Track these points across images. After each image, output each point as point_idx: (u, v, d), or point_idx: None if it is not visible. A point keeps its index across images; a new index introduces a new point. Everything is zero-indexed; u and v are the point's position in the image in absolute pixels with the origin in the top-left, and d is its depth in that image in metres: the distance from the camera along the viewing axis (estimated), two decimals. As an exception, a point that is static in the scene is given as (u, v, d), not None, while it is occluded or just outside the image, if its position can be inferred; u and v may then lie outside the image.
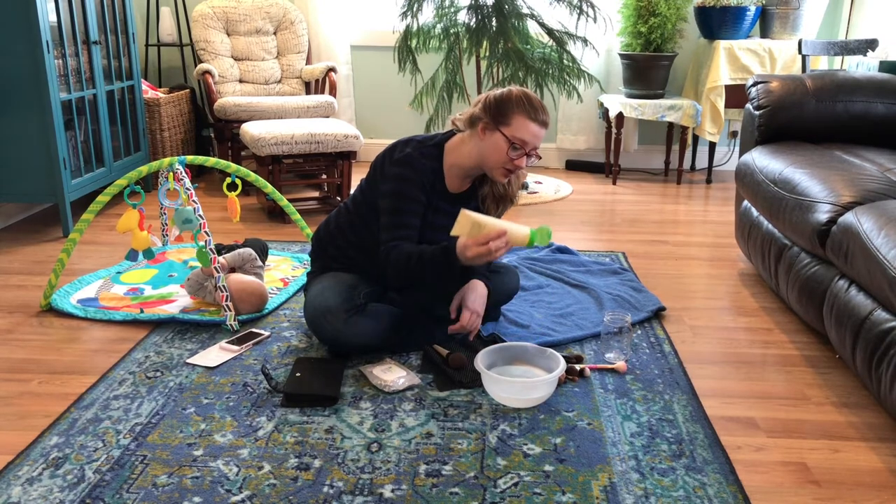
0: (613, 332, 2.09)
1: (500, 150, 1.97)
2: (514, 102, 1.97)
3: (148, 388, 1.94)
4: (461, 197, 2.12)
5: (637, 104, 4.13)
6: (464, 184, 2.12)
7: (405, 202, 2.02)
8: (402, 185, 2.02)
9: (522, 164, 1.99)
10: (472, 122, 2.01)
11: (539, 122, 1.97)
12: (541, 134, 1.99)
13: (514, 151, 1.97)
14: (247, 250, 2.55)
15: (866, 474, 1.63)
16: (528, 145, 1.97)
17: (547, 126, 2.01)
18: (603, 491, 1.53)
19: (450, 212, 2.06)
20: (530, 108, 1.96)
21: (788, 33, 4.14)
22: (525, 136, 1.96)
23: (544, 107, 2.01)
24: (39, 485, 1.54)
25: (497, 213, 2.14)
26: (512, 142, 1.95)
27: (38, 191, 3.17)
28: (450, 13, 3.92)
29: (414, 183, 2.02)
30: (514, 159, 1.97)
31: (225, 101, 3.84)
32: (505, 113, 1.96)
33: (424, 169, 2.03)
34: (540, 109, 1.98)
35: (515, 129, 1.95)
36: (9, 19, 2.95)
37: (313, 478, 1.57)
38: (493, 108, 1.98)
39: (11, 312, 2.43)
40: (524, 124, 1.96)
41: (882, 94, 2.70)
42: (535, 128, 1.97)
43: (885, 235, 1.78)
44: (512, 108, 1.96)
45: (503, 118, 1.96)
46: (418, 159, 2.03)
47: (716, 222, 3.56)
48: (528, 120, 1.96)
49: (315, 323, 2.07)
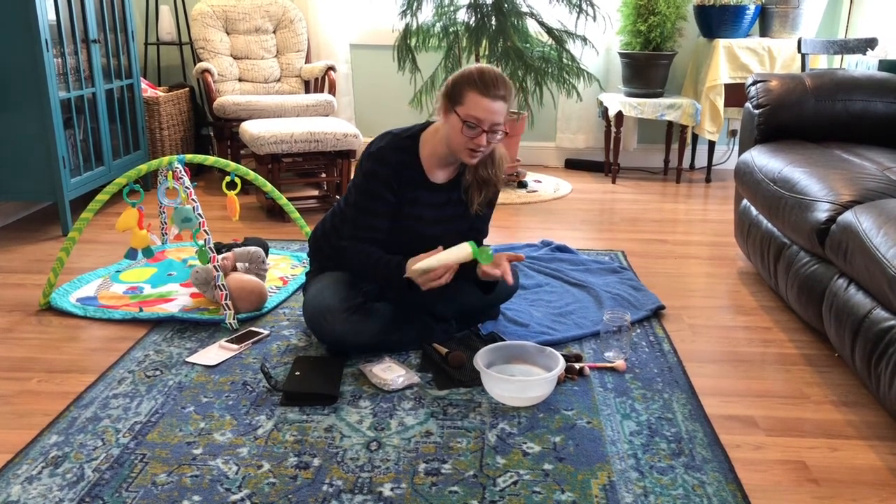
0: (613, 330, 2.09)
1: (457, 130, 1.94)
2: (466, 80, 1.93)
3: (147, 386, 1.94)
4: (446, 187, 2.10)
5: (636, 103, 4.13)
6: (448, 173, 2.10)
7: (370, 200, 2.04)
8: (370, 181, 2.03)
9: (482, 142, 1.94)
10: (439, 103, 2.01)
11: (492, 96, 1.91)
12: (496, 108, 1.92)
13: (469, 130, 1.92)
14: (258, 250, 2.55)
15: (865, 473, 1.63)
16: (483, 122, 1.92)
17: (505, 100, 1.94)
18: (602, 489, 1.53)
19: (436, 203, 2.07)
20: (481, 84, 1.91)
21: (788, 32, 4.14)
22: (478, 114, 1.91)
23: (501, 81, 1.93)
24: (39, 483, 1.54)
25: (481, 199, 2.10)
26: (465, 121, 1.92)
27: (38, 189, 3.17)
28: (449, 12, 3.92)
29: (381, 179, 2.02)
30: (472, 138, 1.93)
31: (224, 100, 3.84)
32: (458, 92, 1.93)
33: (395, 163, 2.02)
34: (493, 84, 1.91)
35: (468, 108, 1.91)
36: (8, 18, 2.94)
37: (313, 476, 1.57)
38: (450, 89, 1.96)
39: (10, 311, 2.43)
40: (476, 101, 1.91)
41: (881, 92, 2.70)
42: (488, 103, 1.91)
43: (884, 234, 1.78)
44: (464, 86, 1.92)
45: (457, 98, 1.93)
46: (390, 153, 2.03)
47: (715, 221, 3.56)
48: (479, 96, 1.90)
49: (314, 322, 2.07)
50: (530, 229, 3.39)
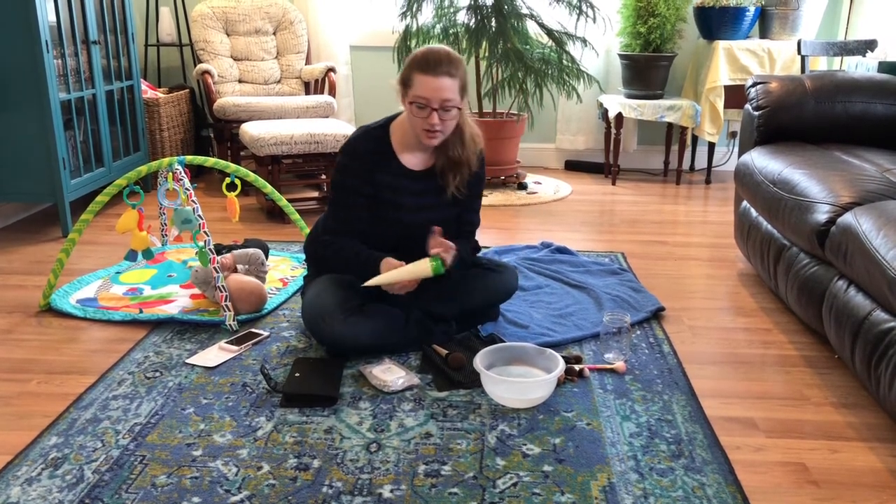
0: (612, 332, 2.09)
1: (411, 114, 1.98)
2: (413, 63, 1.97)
3: (147, 388, 1.94)
4: (424, 174, 2.11)
5: (636, 104, 4.13)
6: (425, 160, 2.12)
7: (344, 194, 2.09)
8: (342, 175, 2.09)
9: (434, 120, 1.96)
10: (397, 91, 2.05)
11: (436, 74, 1.92)
12: (442, 85, 1.93)
13: (420, 111, 1.96)
14: (256, 252, 2.55)
15: (865, 474, 1.63)
16: (431, 101, 1.94)
17: (451, 76, 1.94)
18: (602, 491, 1.53)
19: (415, 190, 2.10)
20: (425, 64, 1.94)
21: (788, 34, 4.15)
22: (424, 93, 1.93)
23: (445, 57, 1.94)
24: (38, 485, 1.54)
25: (456, 183, 2.10)
26: (413, 102, 1.95)
27: (38, 191, 3.17)
28: (449, 13, 3.92)
29: (352, 171, 2.07)
30: (425, 118, 1.96)
31: (224, 102, 3.84)
32: (407, 76, 1.97)
33: (366, 153, 2.06)
34: (436, 61, 1.92)
35: (416, 89, 1.95)
36: (8, 19, 2.95)
37: (312, 478, 1.56)
38: (401, 75, 2.01)
39: (10, 312, 2.43)
40: (422, 81, 1.94)
41: (881, 94, 2.70)
42: (432, 80, 1.92)
43: (883, 236, 1.78)
44: (411, 69, 1.96)
45: (407, 81, 1.98)
46: (361, 145, 2.08)
47: (715, 223, 3.56)
48: (424, 76, 1.93)
49: (313, 325, 2.07)
50: (530, 231, 3.40)
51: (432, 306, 2.14)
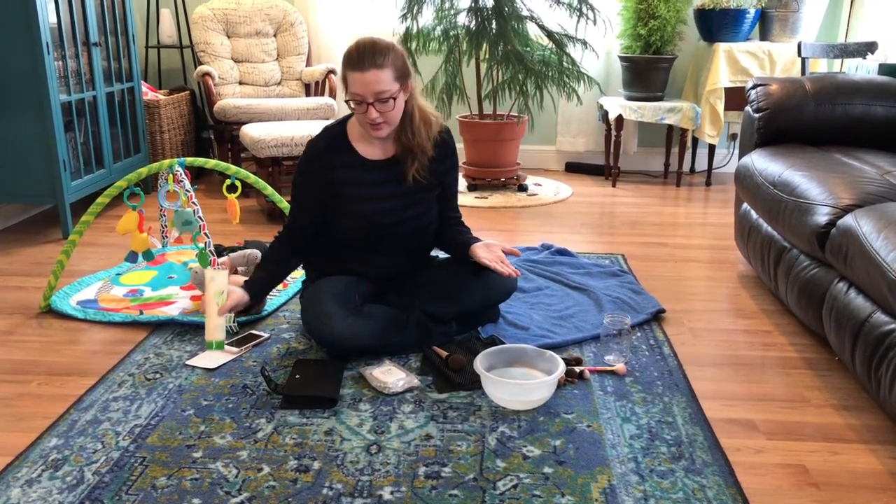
0: (613, 334, 2.09)
1: (352, 111, 2.03)
2: (344, 62, 1.98)
3: (147, 389, 1.94)
4: (385, 163, 2.13)
5: (637, 106, 4.13)
6: (385, 150, 2.14)
7: (299, 191, 2.15)
8: (297, 174, 2.15)
9: (372, 115, 1.97)
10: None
11: (362, 69, 1.93)
12: (370, 79, 1.93)
13: (358, 107, 1.99)
14: (253, 252, 2.56)
15: (866, 477, 1.63)
16: (364, 96, 1.95)
17: (379, 66, 1.93)
18: (602, 493, 1.53)
19: (376, 180, 2.12)
20: (351, 60, 1.95)
21: (788, 36, 4.15)
22: (355, 89, 1.96)
23: (371, 49, 1.94)
24: (38, 486, 1.54)
25: (414, 169, 2.11)
26: (350, 100, 1.99)
27: (38, 192, 3.17)
28: (449, 15, 3.92)
29: (304, 171, 2.13)
30: (363, 114, 1.98)
31: (225, 103, 3.84)
32: (344, 75, 2.00)
33: (322, 149, 2.11)
34: (361, 57, 1.93)
35: (349, 87, 1.98)
36: (9, 20, 2.95)
37: (312, 480, 1.56)
38: (341, 74, 2.04)
39: (11, 314, 2.43)
40: (352, 78, 1.96)
41: (881, 96, 2.70)
42: (360, 76, 1.93)
43: (884, 238, 1.78)
44: (344, 68, 1.99)
45: (344, 80, 2.01)
46: (317, 142, 2.14)
47: (715, 224, 3.56)
48: (353, 72, 1.95)
49: (313, 326, 2.07)
50: (530, 232, 3.40)
51: (432, 307, 2.14)
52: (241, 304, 2.10)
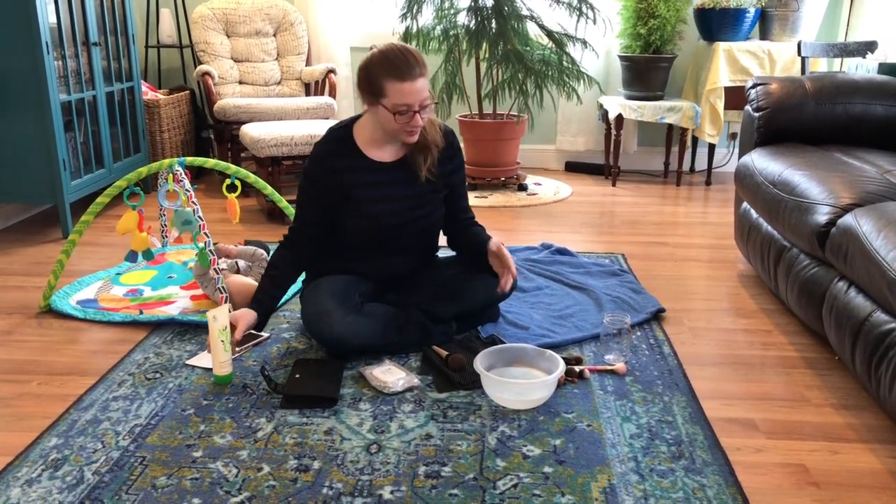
0: (613, 333, 2.09)
1: (390, 120, 1.97)
2: (380, 70, 1.93)
3: (147, 389, 1.94)
4: (394, 165, 2.11)
5: (636, 106, 4.13)
6: (393, 152, 2.12)
7: (305, 196, 2.12)
8: (305, 179, 2.12)
9: (418, 122, 1.97)
10: (362, 97, 2.03)
11: (410, 78, 1.91)
12: (419, 87, 1.92)
13: (401, 117, 1.95)
14: (261, 251, 2.55)
15: (866, 476, 1.63)
16: (412, 105, 1.94)
17: (423, 76, 1.93)
18: (602, 492, 1.53)
19: (385, 181, 2.10)
20: (395, 70, 1.90)
21: (788, 35, 4.15)
22: (404, 100, 1.92)
23: (411, 56, 1.92)
24: (38, 486, 1.54)
25: (427, 164, 2.09)
26: (395, 112, 1.94)
27: (38, 192, 3.17)
28: (449, 15, 3.92)
29: (311, 177, 2.10)
30: (407, 122, 1.96)
31: (225, 103, 3.84)
32: (376, 84, 1.94)
33: (328, 154, 2.08)
34: (405, 65, 1.90)
35: (393, 97, 1.92)
36: (8, 20, 2.95)
37: (312, 479, 1.56)
38: (365, 83, 1.97)
39: (11, 313, 2.43)
40: (398, 89, 1.91)
41: (881, 95, 2.70)
42: (409, 86, 1.91)
43: (884, 237, 1.78)
44: (379, 76, 1.93)
45: (378, 90, 1.95)
46: (323, 147, 2.11)
47: (715, 224, 3.56)
48: (399, 83, 1.91)
49: (313, 325, 2.07)
50: (530, 232, 3.40)
51: (432, 306, 2.14)
52: (252, 323, 2.06)
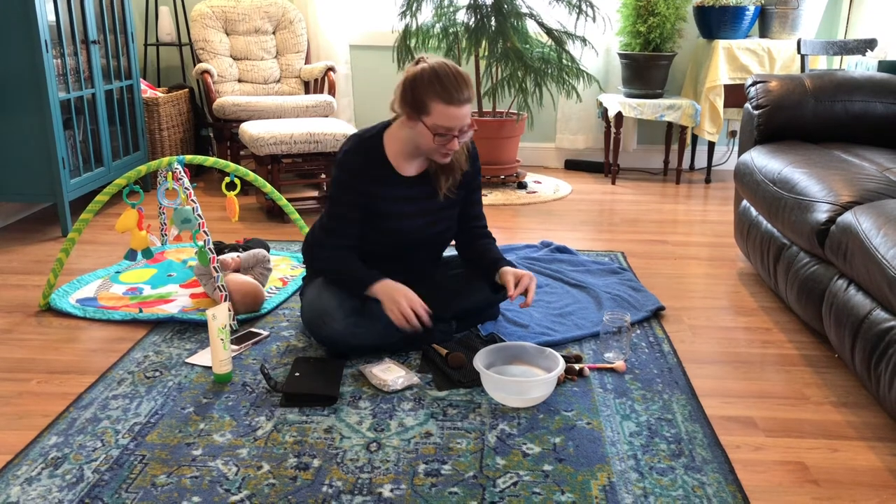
0: (612, 331, 2.09)
1: (428, 139, 1.92)
2: (427, 88, 1.86)
3: (147, 387, 1.94)
4: (419, 179, 2.09)
5: (636, 104, 4.13)
6: (419, 166, 2.08)
7: (340, 206, 2.04)
8: (337, 188, 2.04)
9: (455, 146, 1.93)
10: (400, 108, 1.97)
11: (458, 102, 1.86)
12: (464, 113, 1.88)
13: (440, 138, 1.91)
14: (262, 252, 2.55)
15: (865, 474, 1.63)
16: (453, 129, 1.90)
17: (471, 101, 1.90)
18: (602, 490, 1.53)
19: (410, 196, 2.07)
20: (444, 92, 1.85)
21: (787, 33, 4.15)
22: (448, 123, 1.88)
23: (462, 79, 1.87)
24: (38, 484, 1.54)
25: (448, 183, 2.08)
26: (435, 133, 1.90)
27: (37, 190, 3.17)
28: (449, 13, 3.92)
29: (347, 186, 2.02)
30: (444, 144, 1.92)
31: (224, 101, 3.84)
32: (421, 101, 1.88)
33: (360, 165, 2.01)
34: (456, 88, 1.85)
35: (436, 118, 1.88)
36: (7, 19, 2.94)
37: (312, 477, 1.56)
38: (410, 97, 1.90)
39: (10, 312, 2.43)
40: (443, 111, 1.86)
41: (881, 93, 2.70)
42: (455, 111, 1.87)
43: (883, 235, 1.78)
44: (426, 94, 1.87)
45: (421, 107, 1.89)
46: (353, 157, 2.02)
47: (715, 222, 3.56)
48: (445, 105, 1.86)
49: (313, 325, 2.07)
50: (530, 230, 3.40)
51: (432, 305, 2.13)
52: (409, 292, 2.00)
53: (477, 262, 2.20)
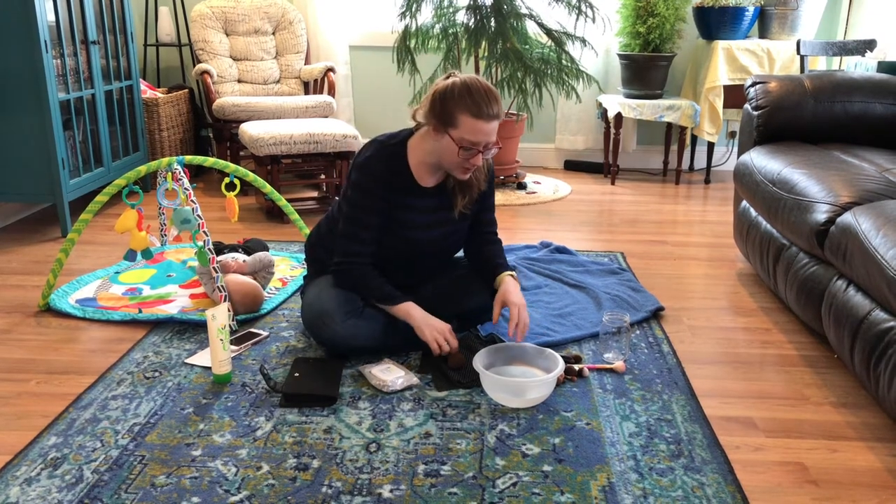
0: (612, 332, 2.09)
1: (452, 152, 1.90)
2: (457, 101, 1.85)
3: (146, 388, 1.94)
4: (436, 190, 2.08)
5: (636, 104, 4.13)
6: (437, 177, 2.07)
7: (360, 212, 2.01)
8: (359, 193, 2.00)
9: (478, 162, 1.92)
10: (426, 119, 1.95)
11: (486, 117, 1.85)
12: (492, 128, 1.88)
13: (465, 152, 1.89)
14: (268, 257, 2.54)
15: (864, 474, 1.63)
16: (479, 144, 1.89)
17: (499, 117, 1.89)
18: (601, 491, 1.53)
19: (428, 207, 2.06)
20: (474, 106, 1.84)
21: (787, 34, 4.15)
22: (474, 137, 1.87)
23: (492, 96, 1.86)
24: (38, 485, 1.54)
25: (465, 202, 2.07)
26: (461, 146, 1.88)
27: (37, 191, 3.17)
28: (448, 13, 3.92)
29: (369, 190, 1.99)
30: (468, 159, 1.91)
31: (223, 101, 3.84)
32: (450, 113, 1.87)
33: (383, 172, 1.99)
34: (486, 103, 1.85)
35: (463, 131, 1.86)
36: (7, 19, 2.94)
37: (312, 478, 1.56)
38: (438, 109, 1.89)
39: (10, 312, 2.43)
40: (471, 125, 1.85)
41: (880, 94, 2.70)
42: (483, 125, 1.86)
43: (883, 235, 1.78)
44: (455, 107, 1.86)
45: (449, 119, 1.87)
46: (376, 163, 1.99)
47: (714, 222, 3.56)
48: (474, 119, 1.85)
49: (313, 326, 2.07)
50: (529, 230, 3.40)
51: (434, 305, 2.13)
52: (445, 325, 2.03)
53: (482, 266, 2.20)
